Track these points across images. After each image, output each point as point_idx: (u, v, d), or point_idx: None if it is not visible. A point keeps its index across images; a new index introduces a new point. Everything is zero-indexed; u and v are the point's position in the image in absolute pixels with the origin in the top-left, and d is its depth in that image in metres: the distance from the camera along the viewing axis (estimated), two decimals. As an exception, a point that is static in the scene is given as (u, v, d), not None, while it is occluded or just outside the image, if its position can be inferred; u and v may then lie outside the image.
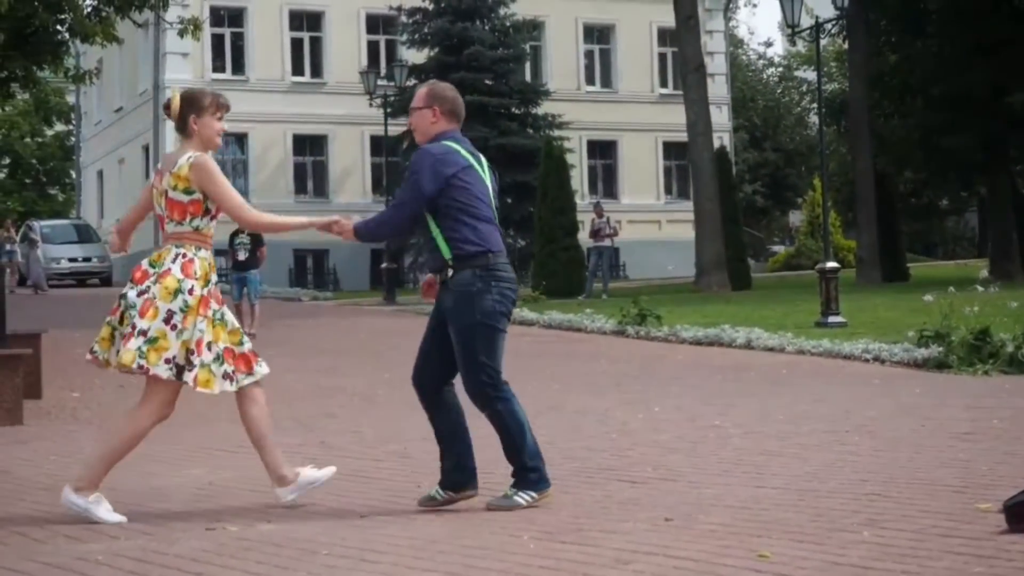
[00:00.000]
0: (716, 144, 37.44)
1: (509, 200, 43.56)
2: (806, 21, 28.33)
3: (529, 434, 7.26)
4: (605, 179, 51.04)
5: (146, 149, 48.17)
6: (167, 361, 7.06)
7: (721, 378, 15.27)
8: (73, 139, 63.10)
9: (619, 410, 12.02)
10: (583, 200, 42.22)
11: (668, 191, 51.64)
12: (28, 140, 65.23)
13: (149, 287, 7.09)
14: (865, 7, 36.29)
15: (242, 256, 23.19)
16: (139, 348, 7.00)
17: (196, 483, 8.40)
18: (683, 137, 37.51)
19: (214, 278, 7.25)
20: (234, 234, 23.20)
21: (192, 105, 7.35)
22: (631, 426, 10.81)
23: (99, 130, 55.05)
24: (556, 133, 43.45)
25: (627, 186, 50.68)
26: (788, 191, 63.92)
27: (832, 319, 21.24)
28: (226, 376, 7.21)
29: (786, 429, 10.22)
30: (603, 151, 51.02)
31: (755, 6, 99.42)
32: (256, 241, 22.97)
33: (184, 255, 7.18)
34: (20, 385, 12.29)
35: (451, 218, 7.14)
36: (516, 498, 7.13)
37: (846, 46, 42.20)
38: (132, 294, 7.11)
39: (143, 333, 7.01)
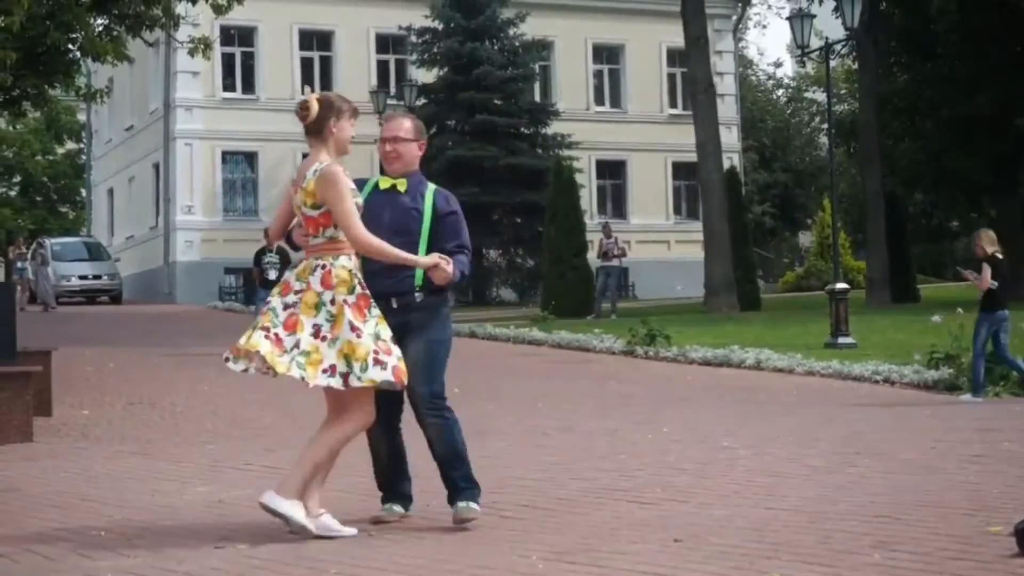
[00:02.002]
0: (725, 164, 37.46)
1: (518, 220, 43.64)
2: (816, 42, 28.44)
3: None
4: (614, 199, 51.05)
5: (156, 167, 48.26)
6: (325, 371, 6.98)
7: (730, 399, 15.26)
8: (84, 157, 63.21)
9: (628, 430, 12.00)
10: (592, 220, 42.20)
11: (677, 211, 51.61)
12: (39, 158, 65.37)
13: (296, 302, 7.05)
14: (874, 28, 36.34)
15: (272, 275, 23.09)
16: (295, 360, 6.97)
17: (205, 501, 8.40)
18: (692, 157, 37.52)
19: (358, 283, 7.08)
20: (261, 252, 23.22)
21: (331, 108, 7.23)
22: (640, 447, 10.80)
23: (109, 148, 55.15)
24: (565, 153, 43.49)
25: (636, 206, 50.67)
26: (798, 212, 63.86)
27: (842, 340, 21.24)
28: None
29: (796, 451, 10.21)
30: (612, 171, 51.03)
31: (765, 27, 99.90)
32: (284, 260, 22.92)
33: (323, 266, 7.06)
34: (30, 402, 12.29)
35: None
36: (473, 505, 7.28)
37: (855, 67, 42.25)
38: (278, 305, 7.07)
39: (296, 346, 6.97)
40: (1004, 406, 13.86)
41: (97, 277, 45.41)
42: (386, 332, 7.03)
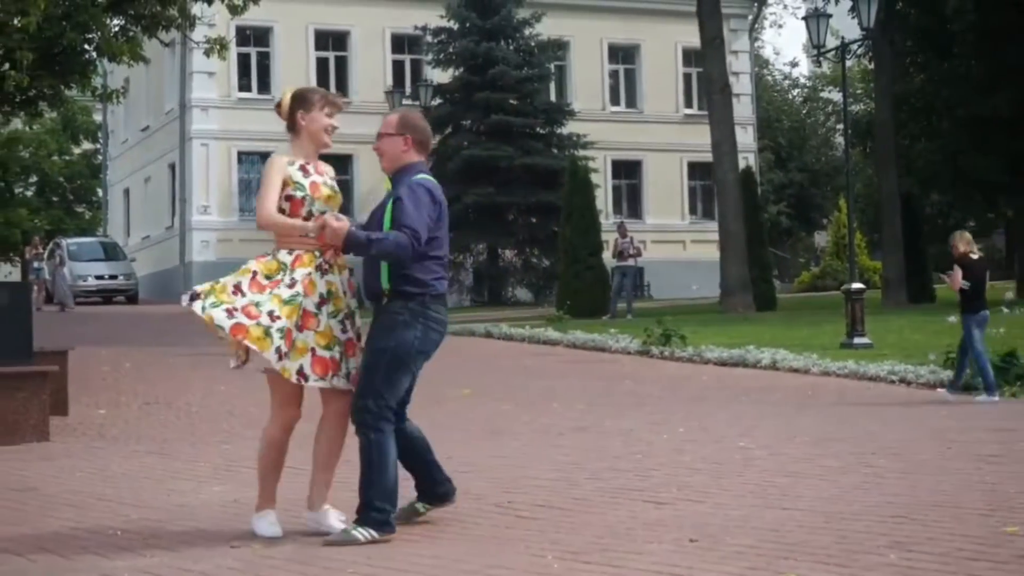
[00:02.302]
0: (741, 164, 37.39)
1: (533, 220, 43.61)
2: (832, 42, 28.36)
3: (390, 475, 7.03)
4: (630, 199, 51.02)
5: (172, 167, 48.34)
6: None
7: (746, 399, 15.25)
8: (100, 157, 63.34)
9: (644, 430, 12.00)
10: (607, 220, 42.20)
11: (693, 211, 51.57)
12: (55, 158, 65.44)
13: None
14: (891, 28, 36.27)
15: None
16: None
17: (220, 500, 8.41)
18: (708, 157, 37.49)
19: (300, 271, 7.05)
20: None
21: (300, 101, 7.27)
22: (656, 446, 10.79)
23: (125, 148, 55.27)
24: (581, 153, 43.47)
25: (652, 206, 50.64)
26: (813, 212, 63.79)
27: (858, 340, 21.19)
28: (279, 353, 6.92)
29: (811, 451, 10.19)
30: (628, 171, 51.00)
31: (781, 27, 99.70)
32: None
33: (265, 254, 7.21)
34: (47, 402, 12.33)
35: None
36: (355, 533, 6.89)
37: (872, 67, 42.17)
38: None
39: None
40: (1020, 406, 13.82)
41: (113, 277, 45.50)
42: (273, 305, 6.93)
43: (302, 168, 7.21)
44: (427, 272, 7.12)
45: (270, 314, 6.89)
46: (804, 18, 27.93)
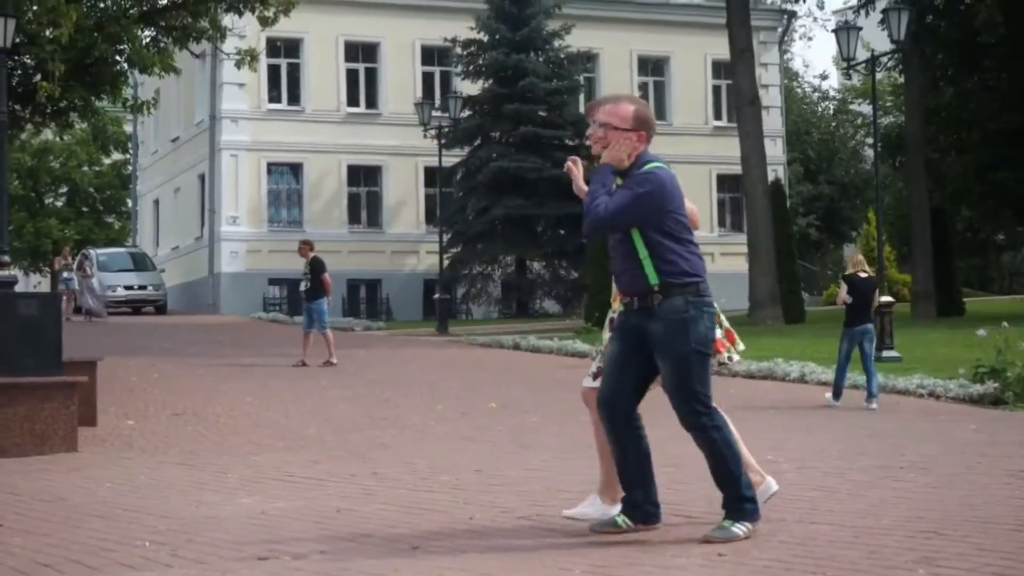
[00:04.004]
0: (770, 177, 37.34)
1: (562, 232, 43.60)
2: (862, 55, 28.28)
3: (741, 463, 7.09)
4: (659, 211, 50.91)
5: (202, 178, 48.50)
6: None
7: (774, 412, 15.20)
8: (130, 168, 63.60)
9: (672, 442, 11.92)
10: (636, 232, 42.13)
11: (722, 224, 51.54)
12: (86, 169, 65.76)
13: None
14: (921, 41, 36.17)
15: (303, 286, 23.37)
16: None
17: (248, 512, 8.41)
18: (737, 170, 37.47)
19: None
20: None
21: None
22: (684, 459, 10.74)
23: (156, 159, 55.48)
24: (610, 165, 43.37)
25: (681, 219, 50.54)
26: (843, 224, 63.59)
27: (887, 354, 21.14)
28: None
29: (840, 465, 10.15)
30: (657, 183, 50.88)
31: (810, 39, 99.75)
32: (315, 270, 23.05)
33: None
34: (75, 412, 12.37)
35: (663, 245, 6.92)
36: (734, 529, 6.87)
37: (902, 80, 42.06)
38: None
39: None
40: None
41: (142, 288, 45.67)
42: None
43: None
44: (688, 261, 6.99)
45: None
46: (834, 30, 27.87)
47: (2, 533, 7.75)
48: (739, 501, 6.97)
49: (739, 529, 6.88)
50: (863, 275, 16.61)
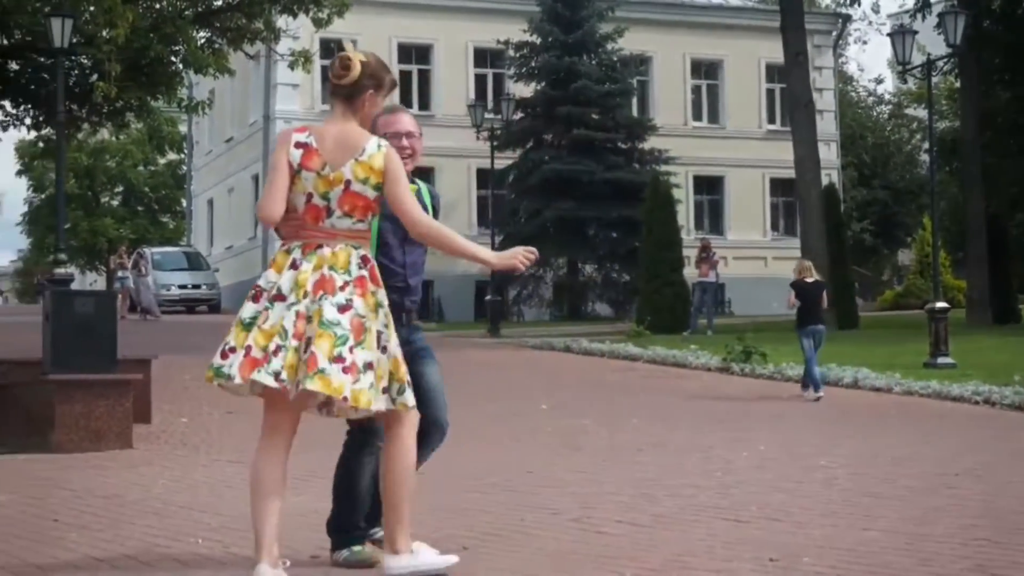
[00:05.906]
0: (824, 181, 37.13)
1: (614, 235, 43.53)
2: (917, 59, 28.10)
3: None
4: (711, 215, 50.85)
5: (255, 179, 48.72)
6: (384, 391, 5.87)
7: (827, 417, 15.13)
8: (184, 168, 64.04)
9: (723, 447, 11.94)
10: (689, 236, 42.06)
11: (775, 228, 51.34)
12: (141, 168, 66.30)
13: (351, 300, 5.80)
14: (978, 45, 35.90)
15: None
16: (372, 385, 5.74)
17: (300, 511, 8.43)
18: (790, 173, 37.31)
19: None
20: None
21: (374, 78, 6.26)
22: (736, 464, 10.73)
23: (210, 159, 55.79)
24: (662, 168, 43.36)
25: (733, 222, 50.44)
26: (897, 230, 63.25)
27: (941, 360, 21.00)
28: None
29: (893, 471, 10.10)
30: (710, 187, 50.83)
31: (865, 43, 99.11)
32: None
33: (367, 258, 5.98)
34: (130, 410, 12.45)
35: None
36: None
37: (958, 84, 41.78)
38: (331, 311, 5.74)
39: (369, 367, 5.74)
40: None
41: (196, 287, 45.95)
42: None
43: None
44: None
45: None
46: (889, 34, 27.71)
47: (58, 528, 7.81)
48: None
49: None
50: (809, 280, 18.04)
